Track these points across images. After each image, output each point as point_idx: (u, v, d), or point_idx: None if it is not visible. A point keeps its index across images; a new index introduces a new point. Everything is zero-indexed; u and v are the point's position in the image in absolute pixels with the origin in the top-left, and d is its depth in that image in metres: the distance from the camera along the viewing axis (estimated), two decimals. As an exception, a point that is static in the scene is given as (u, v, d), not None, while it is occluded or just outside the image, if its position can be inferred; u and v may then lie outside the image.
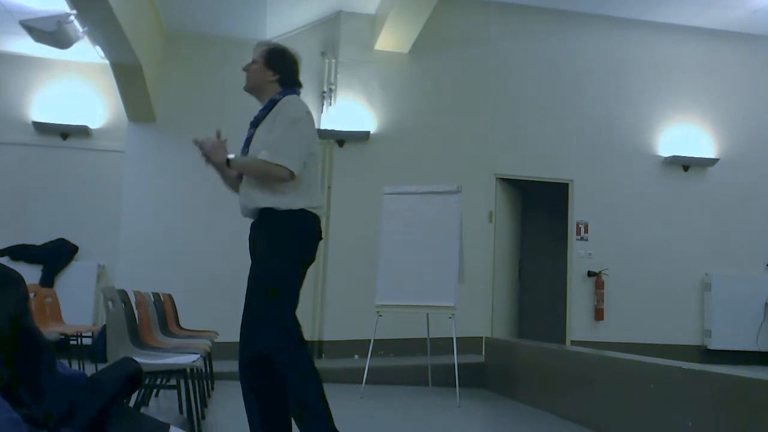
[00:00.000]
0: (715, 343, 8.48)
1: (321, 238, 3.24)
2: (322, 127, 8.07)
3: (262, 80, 3.28)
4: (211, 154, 3.18)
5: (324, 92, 8.23)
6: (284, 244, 3.09)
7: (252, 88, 3.33)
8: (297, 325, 3.08)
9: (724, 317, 8.53)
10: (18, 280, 1.00)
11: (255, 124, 3.27)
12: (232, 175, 3.32)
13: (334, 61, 8.26)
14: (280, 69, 3.29)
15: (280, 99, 3.22)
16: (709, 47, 9.05)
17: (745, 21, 8.70)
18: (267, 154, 3.07)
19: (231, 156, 3.17)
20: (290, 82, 3.31)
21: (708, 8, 8.41)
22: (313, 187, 3.24)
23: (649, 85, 8.93)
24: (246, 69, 3.31)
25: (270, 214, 3.11)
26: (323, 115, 8.18)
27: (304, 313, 7.93)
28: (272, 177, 3.09)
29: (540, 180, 8.65)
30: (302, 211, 3.11)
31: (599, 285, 8.46)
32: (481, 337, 7.58)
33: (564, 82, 8.77)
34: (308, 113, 3.26)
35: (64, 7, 6.10)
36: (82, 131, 8.35)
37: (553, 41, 8.79)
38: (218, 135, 3.25)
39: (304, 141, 3.18)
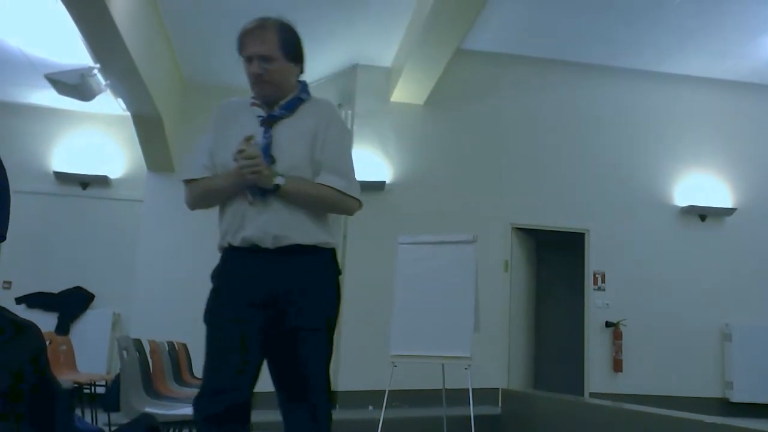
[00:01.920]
0: (738, 396, 8.30)
1: None
2: (337, 177, 8.13)
3: (290, 80, 2.45)
4: (258, 176, 2.27)
5: (340, 142, 8.31)
6: (337, 294, 2.47)
7: (273, 93, 2.42)
8: None
9: (746, 369, 8.36)
10: (35, 331, 1.02)
11: (270, 122, 2.39)
12: (235, 190, 2.37)
13: (350, 112, 8.37)
14: (301, 58, 2.48)
15: (308, 98, 2.47)
16: (724, 97, 9.08)
17: (759, 71, 8.75)
18: (343, 184, 2.36)
19: (281, 179, 2.29)
20: (302, 69, 2.53)
21: (721, 59, 8.47)
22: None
23: (664, 135, 8.95)
24: (265, 76, 2.38)
25: (319, 253, 2.38)
26: (339, 165, 8.25)
27: (318, 362, 7.90)
28: (340, 210, 2.44)
29: (556, 229, 8.62)
30: (335, 251, 2.49)
31: (617, 336, 8.35)
32: (498, 389, 7.47)
33: (579, 132, 8.81)
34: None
35: (87, 61, 6.26)
36: (102, 181, 8.48)
37: (567, 92, 8.86)
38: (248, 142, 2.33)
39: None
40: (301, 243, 2.32)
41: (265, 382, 2.43)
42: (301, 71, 2.48)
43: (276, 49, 2.38)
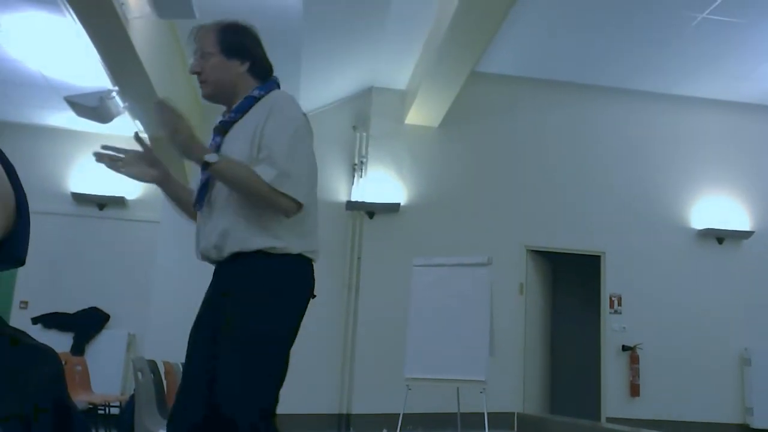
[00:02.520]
0: (758, 422, 8.16)
1: (314, 294, 2.33)
2: (352, 199, 8.16)
3: (229, 77, 2.30)
4: (188, 148, 2.16)
5: (355, 164, 8.35)
6: (276, 302, 2.15)
7: (217, 92, 2.33)
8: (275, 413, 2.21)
9: (766, 394, 8.23)
10: (53, 355, 1.02)
11: (222, 130, 2.30)
12: (178, 185, 2.43)
13: (365, 134, 8.40)
14: (247, 52, 2.31)
15: (263, 95, 2.28)
16: (739, 120, 9.05)
17: (775, 94, 8.73)
18: (272, 175, 2.10)
19: (215, 157, 2.13)
20: (265, 70, 2.36)
21: (736, 81, 8.45)
22: (314, 225, 2.31)
23: (680, 157, 8.92)
24: (199, 70, 2.31)
25: (258, 259, 2.16)
26: (354, 187, 8.28)
27: (333, 385, 7.89)
28: (273, 208, 2.15)
29: (571, 252, 8.58)
30: (299, 257, 2.21)
31: (634, 360, 8.26)
32: (513, 413, 7.40)
33: (594, 155, 8.79)
34: (305, 116, 2.29)
35: (106, 84, 6.34)
36: (119, 202, 8.54)
37: (582, 114, 8.86)
38: (139, 141, 2.31)
39: (309, 158, 2.24)
40: (240, 250, 2.16)
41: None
42: (253, 70, 2.32)
43: (212, 45, 2.28)
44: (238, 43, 2.31)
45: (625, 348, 8.30)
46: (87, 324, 8.23)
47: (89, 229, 8.57)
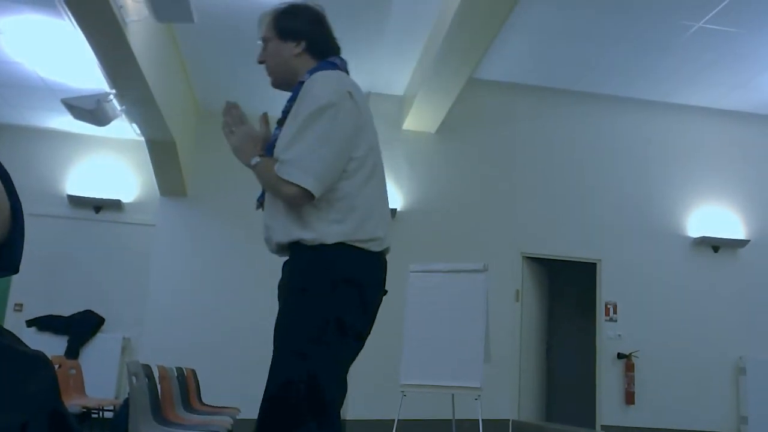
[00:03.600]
0: (753, 431, 8.17)
1: (383, 289, 2.23)
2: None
3: (286, 60, 2.23)
4: (238, 150, 2.19)
5: (352, 169, 8.35)
6: (300, 294, 2.07)
7: (279, 79, 2.28)
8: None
9: (761, 403, 8.23)
10: (46, 363, 1.01)
11: (281, 121, 2.20)
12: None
13: (362, 139, 8.39)
14: (302, 32, 2.22)
15: (308, 77, 2.16)
16: (737, 129, 9.08)
17: (771, 103, 8.77)
18: (277, 165, 2.06)
19: (257, 159, 2.13)
20: (324, 49, 2.26)
21: (733, 90, 8.48)
22: (363, 210, 2.10)
23: (677, 165, 8.94)
24: (262, 59, 2.28)
25: (295, 251, 2.11)
26: (351, 192, 8.28)
27: (327, 390, 7.85)
28: (282, 198, 2.08)
29: (567, 259, 8.58)
30: (341, 246, 2.05)
31: (629, 367, 8.25)
32: (508, 420, 7.39)
33: (591, 162, 8.81)
34: (348, 94, 2.13)
35: (103, 87, 6.34)
36: (115, 205, 8.54)
37: (580, 122, 8.88)
38: (263, 121, 2.29)
39: (333, 140, 2.06)
40: (280, 242, 2.12)
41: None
42: (311, 49, 2.23)
43: (268, 30, 2.24)
44: (292, 24, 2.23)
45: (620, 356, 8.30)
46: (82, 327, 8.21)
47: (85, 232, 8.56)
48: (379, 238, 2.14)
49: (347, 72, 2.29)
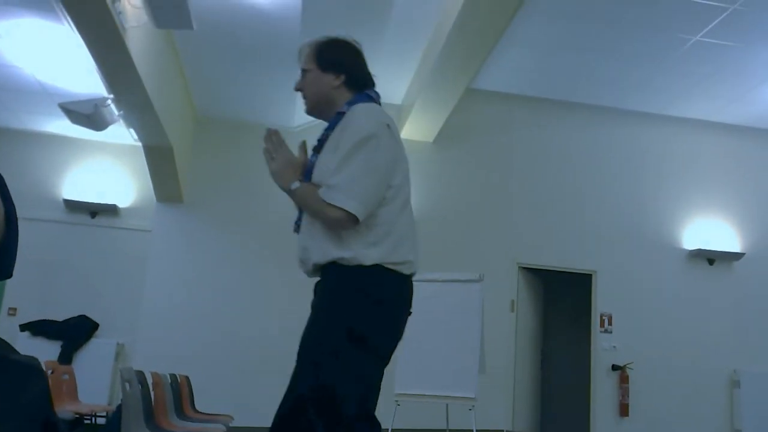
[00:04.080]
0: (746, 445, 8.17)
1: (410, 310, 2.31)
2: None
3: (324, 90, 2.34)
4: (277, 174, 2.29)
5: (349, 178, 8.35)
6: (332, 312, 2.17)
7: (315, 107, 2.38)
8: None
9: (755, 416, 8.23)
10: (40, 373, 1.00)
11: (318, 148, 2.31)
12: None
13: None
14: (342, 66, 2.34)
15: (348, 109, 2.28)
16: (733, 142, 9.11)
17: (766, 117, 8.79)
18: (324, 189, 2.16)
19: (296, 184, 2.24)
20: (361, 82, 2.38)
21: (729, 104, 8.52)
22: (397, 235, 2.24)
23: (673, 178, 8.96)
24: (299, 87, 2.39)
25: (331, 271, 2.20)
26: (347, 200, 8.28)
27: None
28: (325, 221, 2.18)
29: (563, 270, 8.59)
30: (377, 267, 2.15)
31: (624, 379, 8.25)
32: (502, 430, 7.37)
33: (587, 174, 8.83)
34: (387, 126, 2.25)
35: (101, 91, 6.34)
36: (111, 210, 8.51)
37: (577, 133, 8.90)
38: (302, 149, 2.37)
39: (374, 169, 2.18)
40: (317, 262, 2.22)
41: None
42: (349, 83, 2.34)
43: (310, 61, 2.35)
44: (333, 57, 2.35)
45: (615, 367, 8.30)
46: (76, 332, 8.17)
47: (80, 237, 8.53)
48: (411, 261, 2.26)
49: (380, 104, 2.41)
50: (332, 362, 2.09)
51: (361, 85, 2.37)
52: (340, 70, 2.33)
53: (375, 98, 2.39)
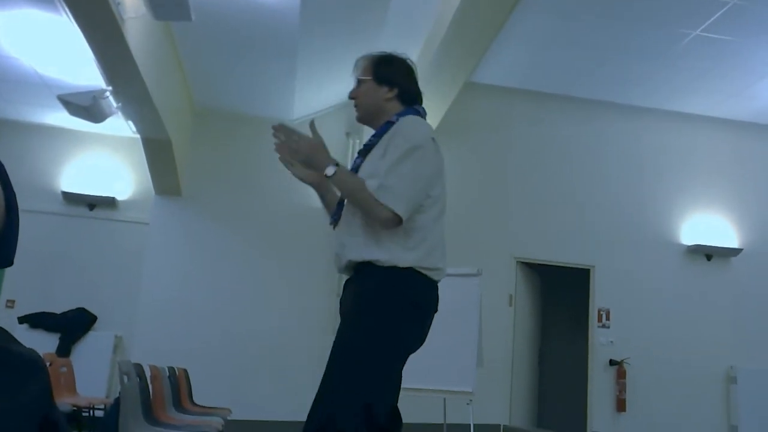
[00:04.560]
0: (743, 440, 8.19)
1: (435, 311, 2.37)
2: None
3: (377, 102, 2.50)
4: (311, 156, 2.35)
5: (347, 171, 8.35)
6: (369, 314, 2.21)
7: (366, 115, 2.55)
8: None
9: (751, 412, 8.25)
10: (42, 368, 0.99)
11: (364, 152, 2.46)
12: (335, 195, 2.52)
13: (358, 141, 8.40)
14: (396, 81, 2.52)
15: (398, 120, 2.44)
16: (732, 137, 9.10)
17: (765, 112, 8.79)
18: (375, 185, 2.24)
19: (333, 169, 2.30)
20: (411, 98, 2.56)
21: (728, 99, 8.51)
22: (431, 242, 2.37)
23: (671, 172, 8.96)
24: (354, 95, 2.55)
25: (366, 271, 2.27)
26: (346, 194, 8.28)
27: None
28: (372, 217, 2.25)
29: (561, 265, 8.59)
30: (410, 271, 2.25)
31: (621, 374, 8.26)
32: (500, 425, 7.39)
33: (586, 168, 8.82)
34: (432, 140, 2.42)
35: (100, 83, 6.32)
36: (109, 202, 8.50)
37: (576, 128, 8.89)
38: (312, 128, 2.45)
39: (419, 177, 2.31)
40: (352, 260, 2.29)
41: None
42: (401, 97, 2.51)
43: (367, 72, 2.51)
44: (389, 72, 2.52)
45: (612, 362, 8.31)
46: (74, 325, 8.17)
47: (79, 229, 8.52)
48: (440, 269, 2.38)
49: (425, 119, 2.56)
50: (374, 363, 2.16)
51: (411, 100, 2.54)
52: (393, 85, 2.50)
53: (422, 113, 2.55)
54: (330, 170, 2.29)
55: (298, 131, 2.38)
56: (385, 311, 2.21)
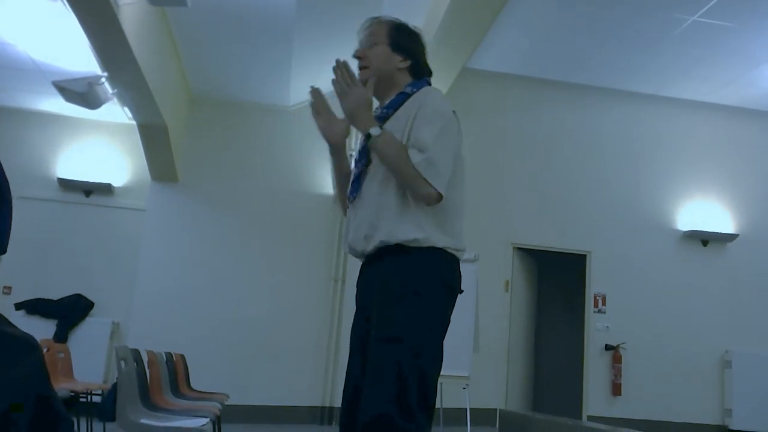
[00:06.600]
0: (737, 424, 8.25)
1: (461, 290, 2.28)
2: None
3: (389, 68, 2.33)
4: (353, 115, 2.22)
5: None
6: (414, 296, 2.11)
7: (376, 80, 2.33)
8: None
9: (745, 396, 8.32)
10: (35, 346, 1.00)
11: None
12: (348, 165, 2.39)
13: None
14: (411, 52, 2.37)
15: (414, 92, 2.30)
16: (728, 123, 9.11)
17: (762, 99, 8.79)
18: (419, 158, 2.10)
19: (377, 130, 2.17)
20: (422, 70, 2.41)
21: (725, 85, 8.51)
22: (460, 222, 2.25)
23: (667, 158, 8.97)
24: (362, 55, 2.36)
25: (401, 253, 2.14)
26: (342, 180, 8.28)
27: (316, 379, 7.89)
28: (413, 191, 2.13)
29: (557, 250, 8.62)
30: (443, 251, 2.17)
31: (617, 359, 8.32)
32: (495, 409, 7.44)
33: (582, 154, 8.83)
34: (454, 113, 2.31)
35: (95, 69, 6.30)
36: (106, 189, 8.49)
37: (572, 114, 8.90)
38: (369, 84, 2.30)
39: (453, 152, 2.21)
40: (385, 241, 2.14)
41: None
42: (412, 69, 2.37)
43: (383, 35, 2.36)
44: (406, 41, 2.38)
45: (608, 347, 8.36)
46: (71, 311, 8.19)
47: (75, 216, 8.52)
48: (464, 250, 2.26)
49: None
50: (428, 352, 2.13)
51: (421, 73, 2.40)
52: (408, 55, 2.36)
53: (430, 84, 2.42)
54: (376, 130, 2.15)
55: (357, 80, 2.25)
56: (433, 293, 2.14)
